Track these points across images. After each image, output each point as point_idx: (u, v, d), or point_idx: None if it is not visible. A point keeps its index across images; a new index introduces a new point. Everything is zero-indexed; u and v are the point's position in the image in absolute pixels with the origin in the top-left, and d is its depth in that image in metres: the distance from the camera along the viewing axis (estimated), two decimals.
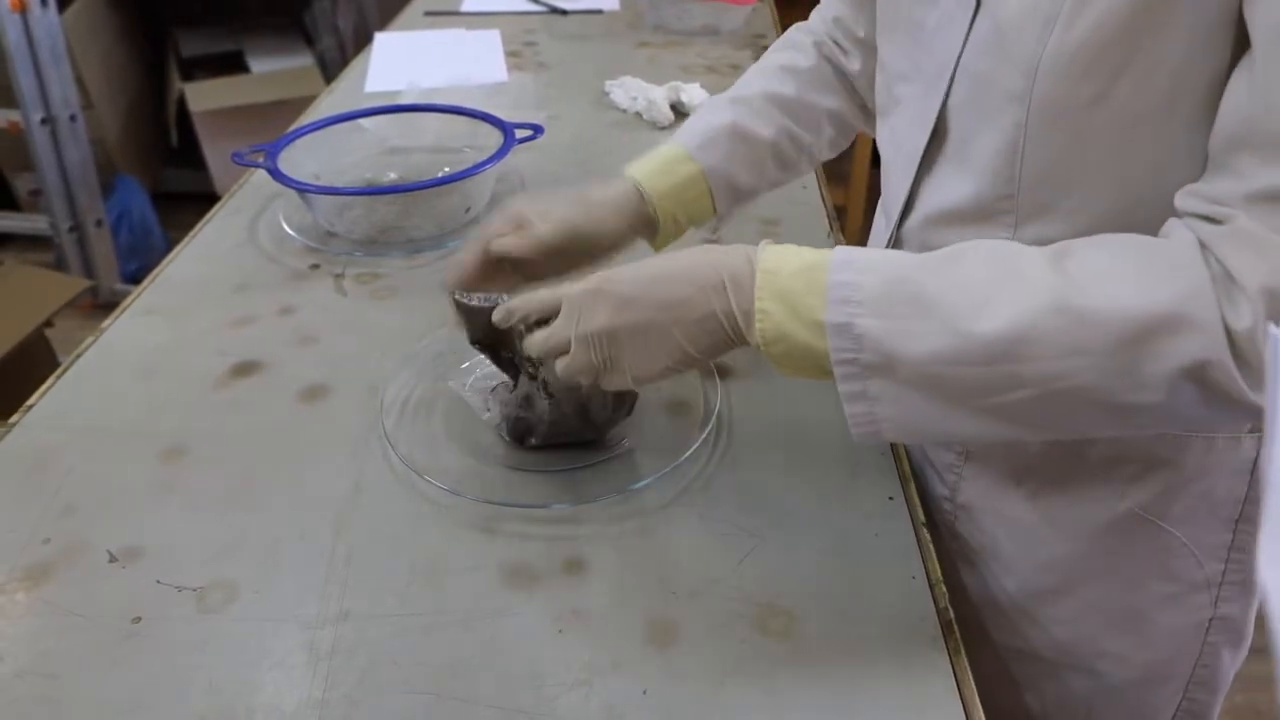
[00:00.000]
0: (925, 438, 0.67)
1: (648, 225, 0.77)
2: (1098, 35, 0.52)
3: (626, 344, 0.59)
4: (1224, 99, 0.51)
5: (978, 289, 0.52)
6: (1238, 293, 0.47)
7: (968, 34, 0.59)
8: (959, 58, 0.60)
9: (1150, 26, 0.51)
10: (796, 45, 0.86)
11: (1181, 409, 0.50)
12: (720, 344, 0.58)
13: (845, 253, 0.55)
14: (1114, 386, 0.50)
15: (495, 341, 0.71)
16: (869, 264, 0.54)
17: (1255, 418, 0.49)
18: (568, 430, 0.72)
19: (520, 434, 0.74)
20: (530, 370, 0.70)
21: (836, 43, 0.84)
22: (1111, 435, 0.63)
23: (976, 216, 0.62)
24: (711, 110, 0.83)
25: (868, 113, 0.87)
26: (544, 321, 0.63)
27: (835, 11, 0.84)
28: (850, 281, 0.53)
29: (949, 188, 0.64)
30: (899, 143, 0.69)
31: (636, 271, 0.60)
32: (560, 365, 0.61)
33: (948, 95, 0.62)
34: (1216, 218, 0.49)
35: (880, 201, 0.76)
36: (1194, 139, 0.53)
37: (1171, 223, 0.53)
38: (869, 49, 0.82)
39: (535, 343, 0.62)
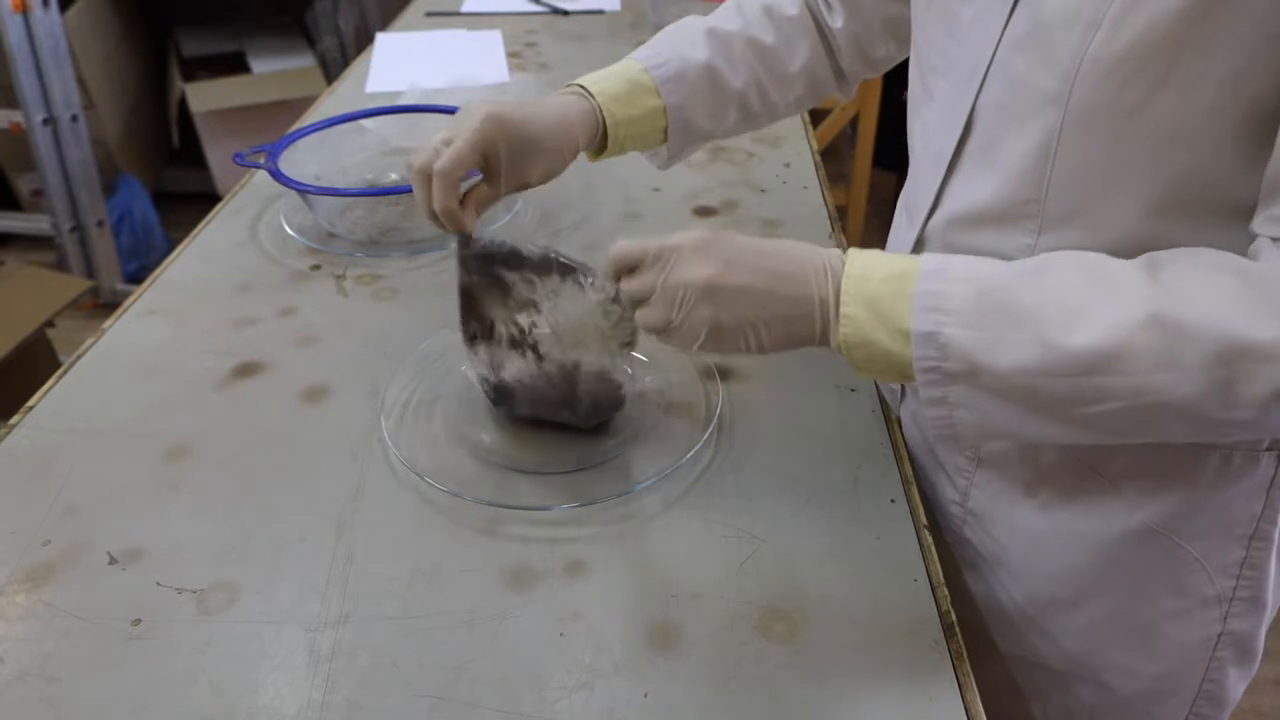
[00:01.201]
0: (1003, 440, 0.67)
1: (592, 146, 0.77)
2: (1144, 42, 0.51)
3: (720, 303, 0.58)
4: None
5: (1070, 300, 0.51)
6: None
7: (1004, 29, 0.58)
8: (994, 54, 0.59)
9: (1200, 36, 0.49)
10: None
11: (1273, 427, 0.50)
12: (802, 336, 0.58)
13: (935, 261, 0.55)
14: (1205, 403, 0.49)
15: (483, 290, 0.71)
16: (958, 273, 0.54)
17: None
18: (550, 401, 0.72)
19: (501, 396, 0.75)
20: (516, 333, 0.70)
21: None
22: (1195, 441, 0.62)
23: (1000, 219, 0.61)
24: (688, 40, 0.80)
25: (841, 75, 0.85)
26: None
27: None
28: (939, 291, 0.53)
29: (975, 188, 0.62)
30: (930, 138, 0.67)
31: (741, 237, 0.60)
32: (639, 314, 0.61)
33: (979, 92, 0.60)
34: None
35: (901, 199, 0.74)
36: (1234, 151, 0.52)
37: (1262, 244, 0.52)
38: (853, 8, 0.80)
39: (626, 291, 0.62)
